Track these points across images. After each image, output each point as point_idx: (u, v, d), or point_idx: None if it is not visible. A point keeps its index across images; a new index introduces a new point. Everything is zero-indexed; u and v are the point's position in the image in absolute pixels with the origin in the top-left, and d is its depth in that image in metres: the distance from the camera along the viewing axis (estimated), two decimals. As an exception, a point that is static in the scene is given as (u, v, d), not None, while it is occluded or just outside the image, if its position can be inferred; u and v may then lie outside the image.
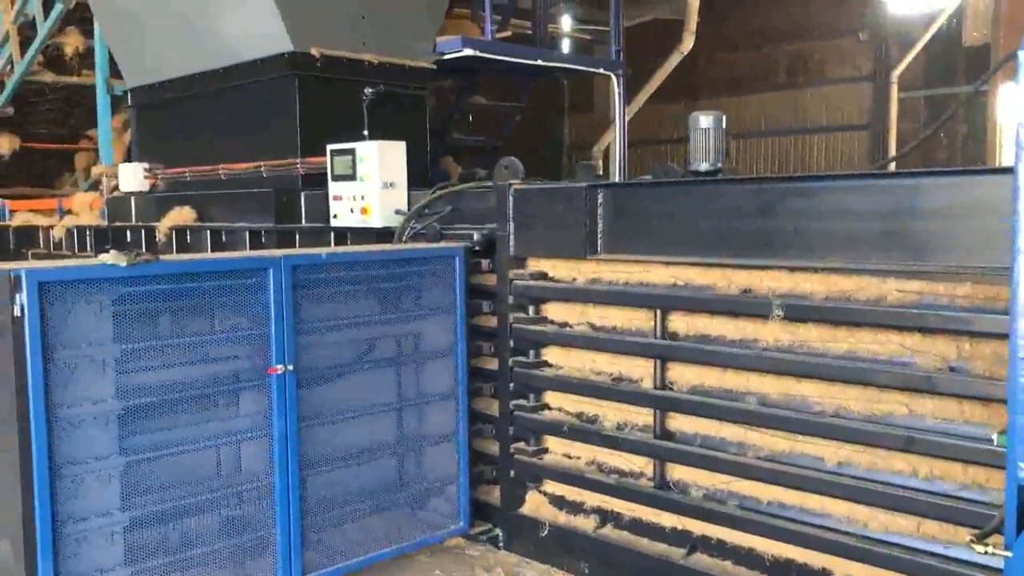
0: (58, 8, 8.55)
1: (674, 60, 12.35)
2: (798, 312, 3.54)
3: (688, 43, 12.07)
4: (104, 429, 3.45)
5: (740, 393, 3.78)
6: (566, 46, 14.27)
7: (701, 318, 3.89)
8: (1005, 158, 15.30)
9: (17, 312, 3.19)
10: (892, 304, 3.30)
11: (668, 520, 4.13)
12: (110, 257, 3.42)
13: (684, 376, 3.97)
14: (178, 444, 3.68)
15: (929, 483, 3.26)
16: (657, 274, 4.03)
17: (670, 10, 13.23)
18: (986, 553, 2.78)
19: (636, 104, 12.51)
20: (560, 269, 4.52)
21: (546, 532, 4.56)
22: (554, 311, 4.57)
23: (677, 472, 4.06)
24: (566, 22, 14.16)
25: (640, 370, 4.17)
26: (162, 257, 3.67)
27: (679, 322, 3.97)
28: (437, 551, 4.71)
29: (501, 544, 4.77)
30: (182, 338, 3.67)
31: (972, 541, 2.82)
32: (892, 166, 12.00)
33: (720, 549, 3.94)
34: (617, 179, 8.46)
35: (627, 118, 9.50)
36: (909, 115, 17.02)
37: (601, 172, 10.83)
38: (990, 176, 3.18)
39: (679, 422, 4.04)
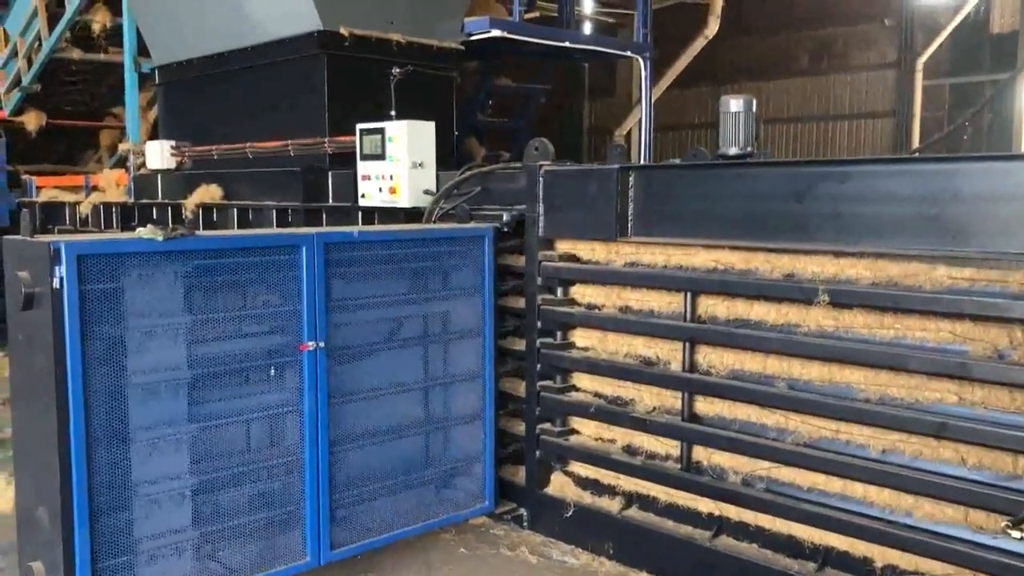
0: (87, -15, 8.60)
1: (698, 44, 12.30)
2: (844, 298, 3.50)
3: (713, 27, 12.02)
4: (139, 401, 3.48)
5: (781, 379, 3.76)
6: (588, 28, 14.21)
7: (741, 303, 3.87)
8: (1031, 146, 15.13)
9: (56, 284, 3.22)
10: (943, 290, 3.26)
11: (694, 503, 4.14)
12: (147, 231, 3.45)
13: (723, 360, 3.96)
14: (212, 418, 3.71)
15: (977, 472, 3.23)
16: (698, 257, 4.01)
17: (695, -6, 13.14)
18: (1021, 539, 2.79)
19: (659, 88, 12.46)
20: (590, 251, 4.51)
21: (571, 512, 4.58)
22: (583, 293, 4.57)
23: (714, 457, 4.05)
24: (588, 4, 14.10)
25: (672, 353, 4.17)
26: (197, 233, 3.70)
27: (720, 306, 3.95)
28: (462, 529, 4.74)
29: (526, 524, 4.79)
30: (215, 313, 3.69)
31: (1007, 527, 2.84)
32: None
33: (748, 532, 3.95)
34: (643, 162, 8.44)
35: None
36: (934, 103, 16.87)
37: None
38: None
39: (716, 407, 4.03)
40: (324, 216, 5.97)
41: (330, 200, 6.02)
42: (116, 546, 3.42)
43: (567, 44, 8.15)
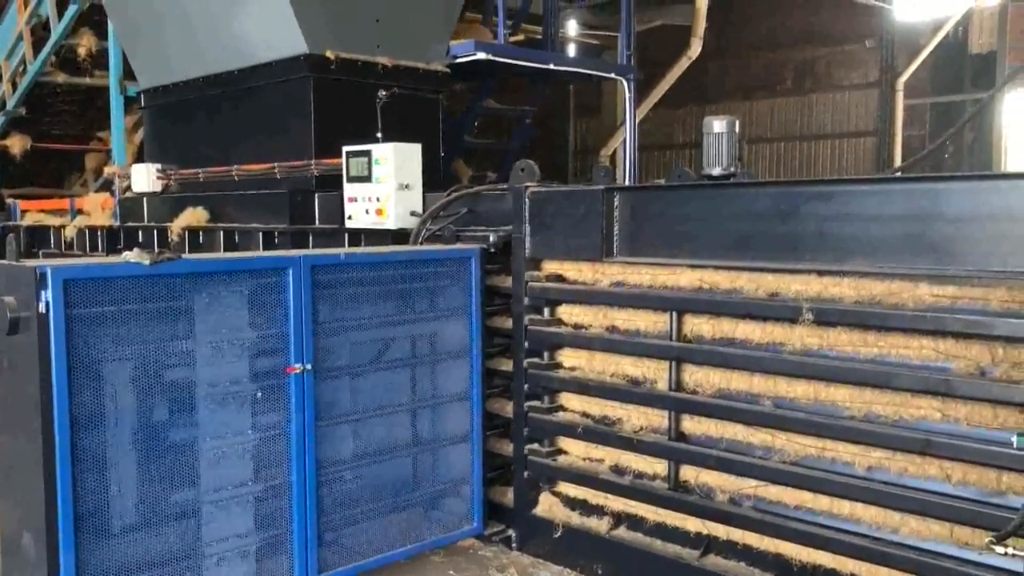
0: (72, 9, 8.61)
1: (682, 65, 12.41)
2: (828, 316, 3.53)
3: (696, 48, 12.13)
4: (127, 426, 3.46)
5: (767, 397, 3.78)
6: (573, 50, 14.32)
7: (726, 322, 3.90)
8: (1011, 164, 15.36)
9: (42, 309, 3.21)
10: (926, 308, 3.29)
11: (682, 522, 4.14)
12: (133, 255, 3.45)
13: (710, 380, 3.98)
14: (199, 442, 3.69)
15: (962, 489, 3.25)
16: (683, 277, 4.03)
17: (678, 16, 13.29)
18: (1005, 554, 2.82)
19: (644, 109, 12.56)
20: (576, 271, 4.54)
21: (560, 533, 4.58)
22: (570, 313, 4.59)
23: (701, 476, 4.07)
24: (572, 27, 14.22)
25: (658, 372, 4.19)
26: (184, 256, 3.70)
27: (705, 326, 3.97)
28: (451, 551, 4.73)
29: (514, 545, 4.78)
30: (200, 337, 3.68)
31: (991, 543, 2.86)
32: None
33: (736, 551, 3.96)
34: (627, 183, 8.50)
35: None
36: (916, 122, 17.08)
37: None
38: (1017, 181, 3.20)
39: (703, 426, 4.04)
40: (311, 238, 5.97)
41: (317, 222, 6.02)
42: (102, 571, 3.39)
43: (552, 66, 8.22)
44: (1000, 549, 2.85)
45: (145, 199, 7.45)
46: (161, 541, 3.57)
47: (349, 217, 5.55)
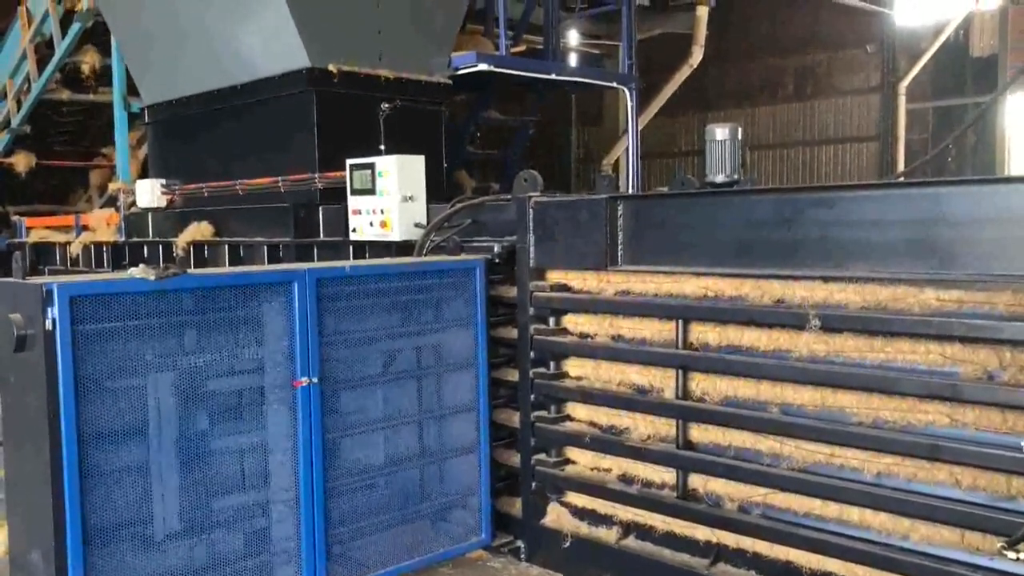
0: (76, 27, 8.66)
1: (684, 73, 12.43)
2: (834, 322, 3.52)
3: (697, 56, 12.16)
4: (133, 440, 3.47)
5: (774, 404, 3.77)
6: (574, 60, 14.36)
7: (732, 329, 3.89)
8: (1015, 166, 15.34)
9: (49, 326, 3.22)
10: (932, 313, 3.28)
11: (692, 531, 4.13)
12: (139, 271, 3.46)
13: (717, 387, 3.96)
14: (203, 456, 3.69)
15: (971, 494, 3.23)
16: (688, 285, 4.03)
17: (679, 24, 13.32)
18: (1017, 559, 2.80)
19: (646, 117, 12.58)
20: (580, 280, 4.53)
21: (568, 544, 4.56)
22: (575, 322, 4.58)
23: (710, 484, 4.05)
24: (573, 36, 14.27)
25: (665, 381, 4.18)
26: (189, 271, 3.71)
27: (711, 333, 3.97)
28: (459, 563, 4.71)
29: (523, 556, 4.77)
30: (207, 352, 3.69)
31: (1003, 548, 2.84)
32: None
33: (746, 559, 3.94)
34: (631, 191, 8.50)
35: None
36: (918, 126, 17.07)
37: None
38: (1018, 185, 3.20)
39: (710, 434, 4.03)
40: (315, 251, 5.99)
41: (321, 235, 6.04)
42: (111, 588, 3.40)
43: (553, 76, 8.24)
44: (1012, 554, 2.83)
45: (150, 214, 7.49)
46: (170, 556, 3.57)
47: (353, 230, 5.57)
